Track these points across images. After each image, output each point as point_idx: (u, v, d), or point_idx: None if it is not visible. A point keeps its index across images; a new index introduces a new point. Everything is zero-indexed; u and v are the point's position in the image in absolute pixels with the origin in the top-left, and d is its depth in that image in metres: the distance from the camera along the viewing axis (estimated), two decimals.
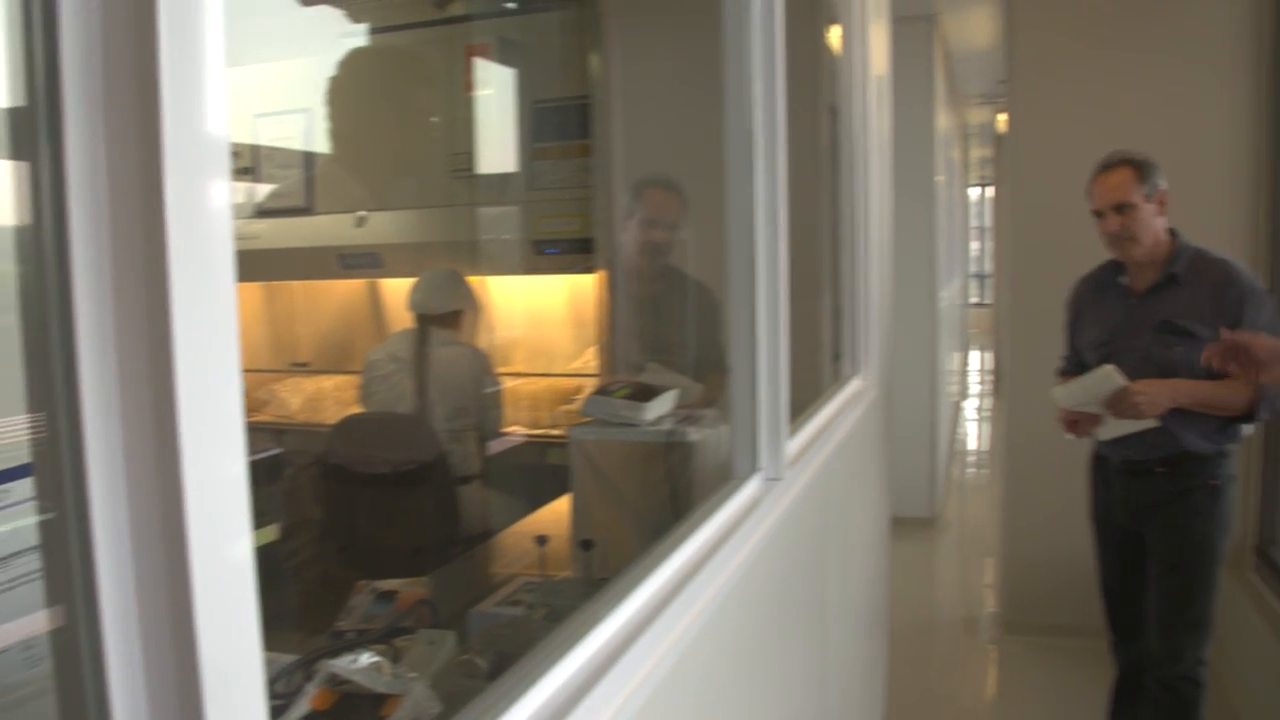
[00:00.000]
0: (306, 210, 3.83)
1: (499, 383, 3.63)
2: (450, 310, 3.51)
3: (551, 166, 3.40)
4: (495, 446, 3.60)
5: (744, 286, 1.82)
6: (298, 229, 3.81)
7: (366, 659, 1.23)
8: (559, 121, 3.41)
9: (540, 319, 4.26)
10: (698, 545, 1.47)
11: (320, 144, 3.80)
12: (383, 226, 3.73)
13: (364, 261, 3.80)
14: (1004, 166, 9.36)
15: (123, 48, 0.50)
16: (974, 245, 16.82)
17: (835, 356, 3.19)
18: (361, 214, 3.71)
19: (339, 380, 4.36)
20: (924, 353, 6.78)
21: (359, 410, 3.63)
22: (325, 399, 4.30)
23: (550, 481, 2.95)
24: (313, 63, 3.83)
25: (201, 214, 0.53)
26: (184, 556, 0.52)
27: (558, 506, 2.60)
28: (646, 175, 2.83)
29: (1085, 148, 3.28)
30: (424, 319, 3.49)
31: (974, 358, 14.74)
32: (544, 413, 3.99)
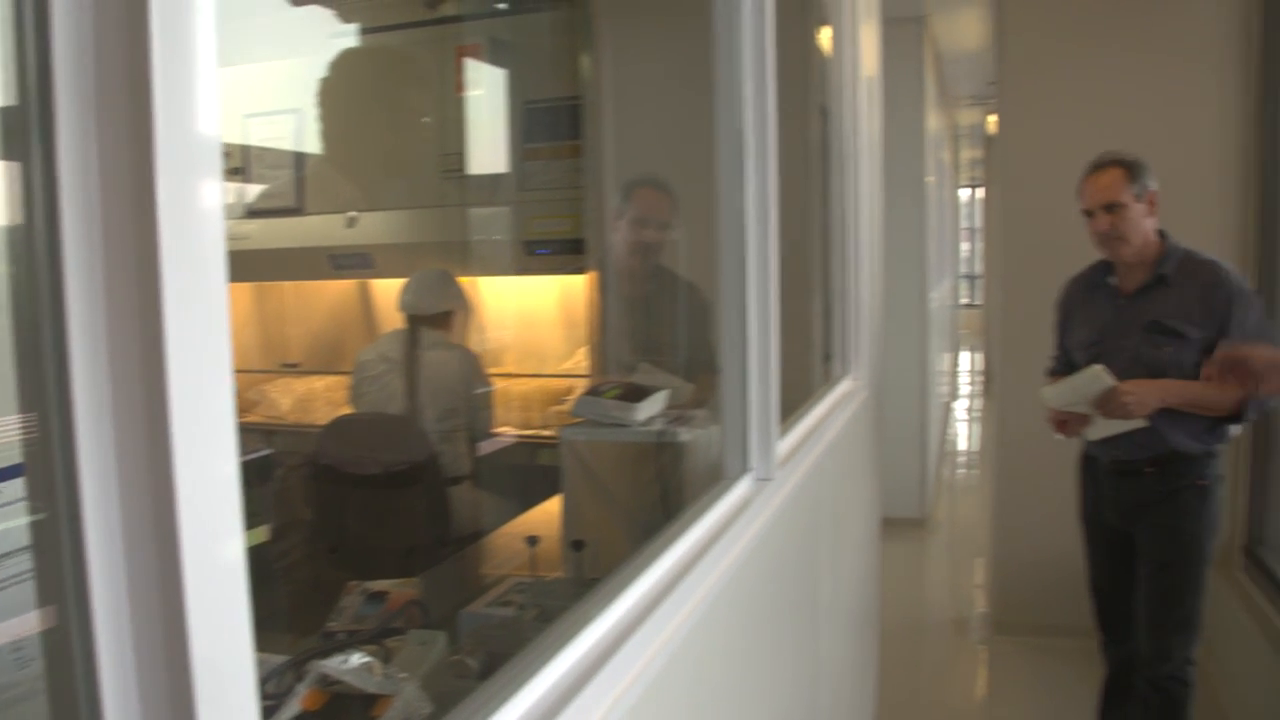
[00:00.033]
0: (297, 210, 3.82)
1: (490, 383, 3.62)
2: (441, 311, 3.51)
3: (542, 167, 3.40)
4: (486, 447, 3.59)
5: (735, 287, 1.82)
6: (288, 229, 3.81)
7: (357, 659, 1.23)
8: (550, 122, 3.42)
9: (531, 319, 4.26)
10: (688, 545, 1.47)
11: (311, 144, 3.79)
12: (373, 227, 3.73)
13: (355, 262, 3.80)
14: (994, 168, 9.37)
15: (115, 48, 0.50)
16: (964, 246, 16.86)
17: (826, 357, 3.20)
18: (352, 214, 3.71)
19: (329, 381, 4.35)
20: (914, 353, 6.79)
21: (349, 411, 3.63)
22: (316, 399, 4.30)
23: (541, 482, 2.95)
24: (303, 63, 3.83)
25: (193, 214, 0.53)
26: (176, 557, 0.52)
27: (549, 507, 2.60)
28: (637, 175, 2.83)
29: (1075, 149, 3.29)
30: (414, 319, 3.49)
31: (964, 358, 14.76)
32: (535, 413, 3.99)
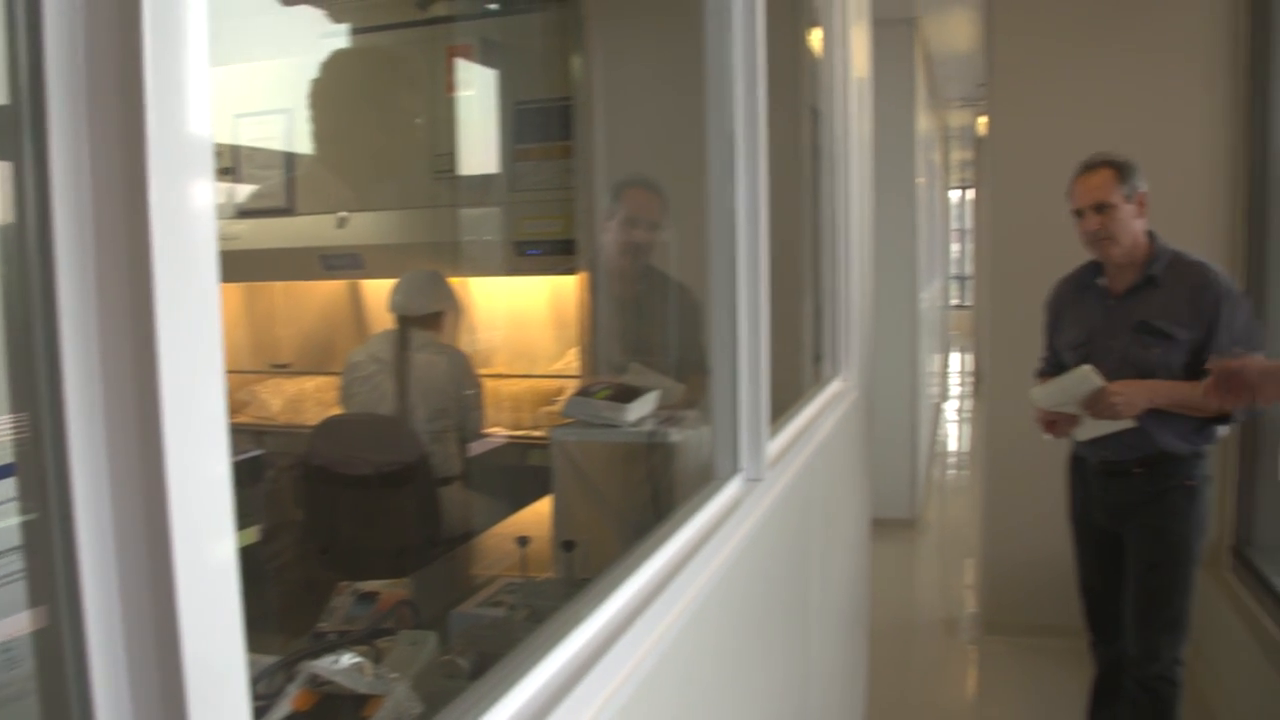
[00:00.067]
0: (288, 211, 3.82)
1: (480, 384, 3.62)
2: (431, 311, 3.51)
3: (533, 168, 3.40)
4: (477, 448, 3.59)
5: (725, 287, 1.82)
6: (279, 230, 3.80)
7: (348, 660, 1.23)
8: (541, 123, 3.41)
9: (522, 320, 4.26)
10: (679, 546, 1.48)
11: (301, 144, 3.79)
12: (364, 227, 3.72)
13: (345, 262, 3.79)
14: (984, 169, 9.38)
15: (107, 47, 0.50)
16: (954, 247, 16.89)
17: (816, 358, 3.20)
18: (343, 215, 3.71)
19: (320, 381, 4.34)
20: (905, 354, 6.80)
21: (340, 411, 3.62)
22: (306, 400, 4.29)
23: (532, 482, 2.94)
24: (294, 63, 3.82)
25: (185, 214, 0.53)
26: (168, 557, 0.52)
27: (539, 508, 2.60)
28: (627, 176, 2.83)
29: (1064, 151, 3.30)
30: (405, 320, 3.48)
31: (954, 359, 14.79)
32: (525, 414, 3.99)
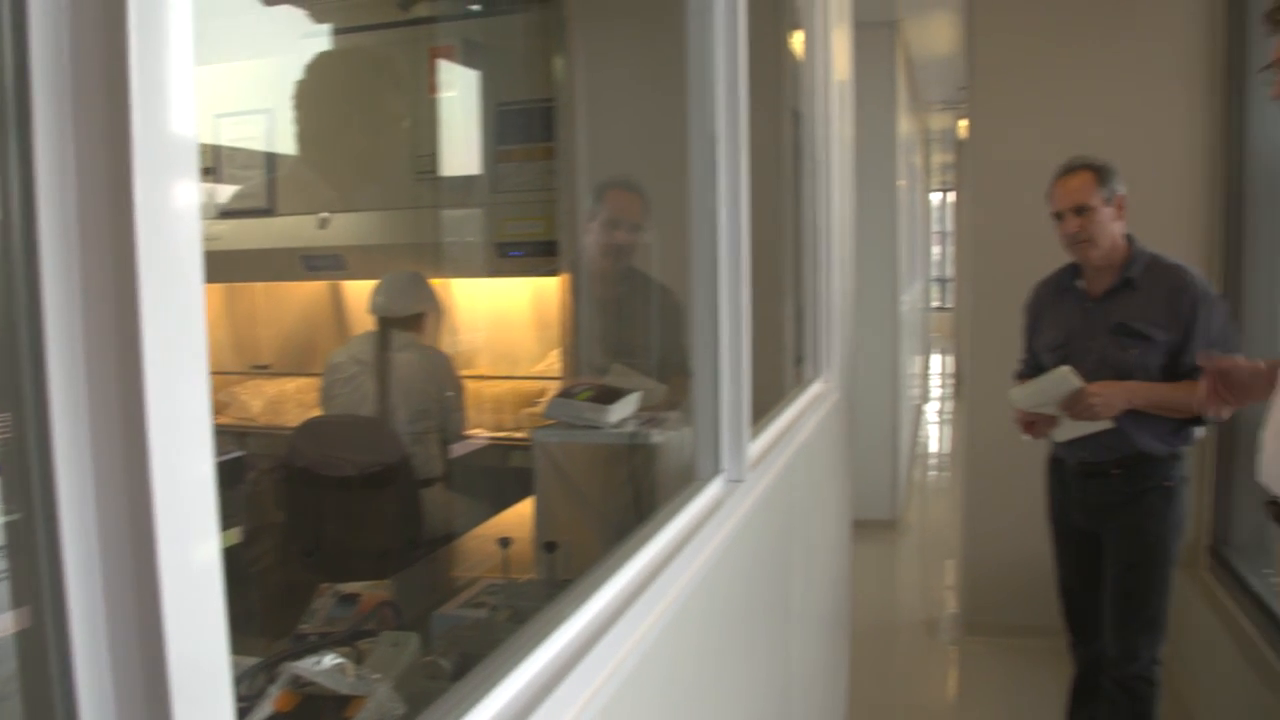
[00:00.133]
0: (269, 211, 3.81)
1: (462, 385, 3.62)
2: (412, 313, 3.50)
3: (515, 169, 3.40)
4: (458, 449, 3.58)
5: (707, 289, 1.82)
6: (260, 230, 3.79)
7: (330, 661, 1.23)
8: (523, 124, 3.41)
9: (504, 321, 4.25)
10: (660, 547, 1.48)
11: (282, 145, 3.77)
12: (346, 228, 3.72)
13: (327, 263, 3.78)
14: (965, 172, 9.43)
15: (92, 47, 0.50)
16: (935, 249, 16.96)
17: (797, 359, 3.20)
18: (324, 215, 3.70)
19: (300, 383, 4.33)
20: (886, 356, 6.82)
21: (321, 413, 3.61)
22: (287, 401, 4.27)
23: (514, 484, 2.95)
24: (275, 63, 3.81)
25: (170, 214, 0.53)
26: (152, 557, 0.52)
27: (521, 509, 2.60)
28: (609, 177, 2.84)
29: (1044, 154, 3.32)
30: (386, 322, 3.47)
31: (935, 361, 14.84)
32: (507, 415, 3.98)
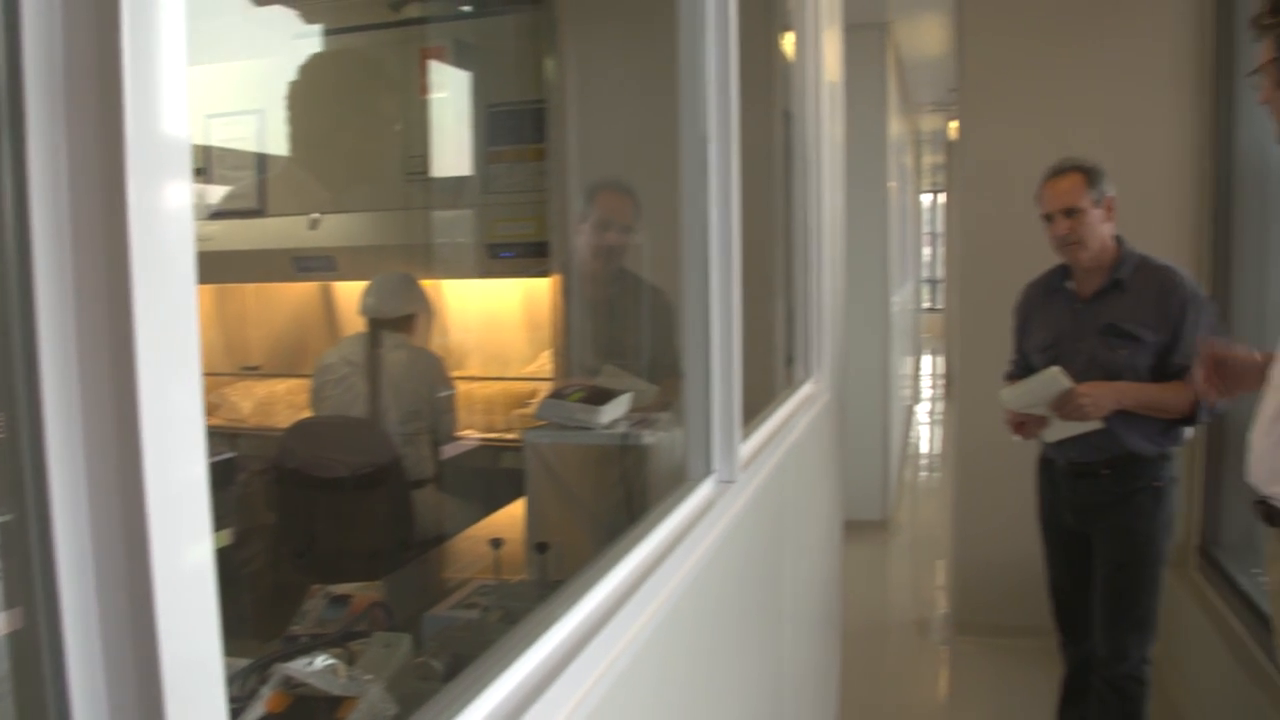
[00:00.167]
0: (259, 212, 3.80)
1: (453, 386, 3.61)
2: (403, 314, 3.50)
3: (506, 170, 3.39)
4: (449, 450, 3.58)
5: (698, 290, 1.82)
6: (251, 231, 3.78)
7: (322, 662, 1.23)
8: (514, 125, 3.41)
9: (495, 322, 4.25)
10: (652, 547, 1.48)
11: (273, 145, 3.77)
12: (337, 229, 3.71)
13: (318, 264, 3.78)
14: (955, 173, 9.45)
15: (85, 47, 0.50)
16: (926, 251, 17.01)
17: (788, 360, 3.21)
18: (315, 216, 3.69)
19: (291, 384, 4.32)
20: (877, 357, 6.83)
21: (311, 414, 3.61)
22: (277, 403, 4.26)
23: (505, 485, 2.94)
24: (266, 63, 3.80)
25: (163, 215, 0.53)
26: (145, 558, 0.52)
27: (513, 510, 2.60)
28: (600, 179, 2.84)
29: (1034, 155, 3.33)
30: (376, 323, 3.47)
31: (926, 362, 14.86)
32: (499, 416, 3.98)
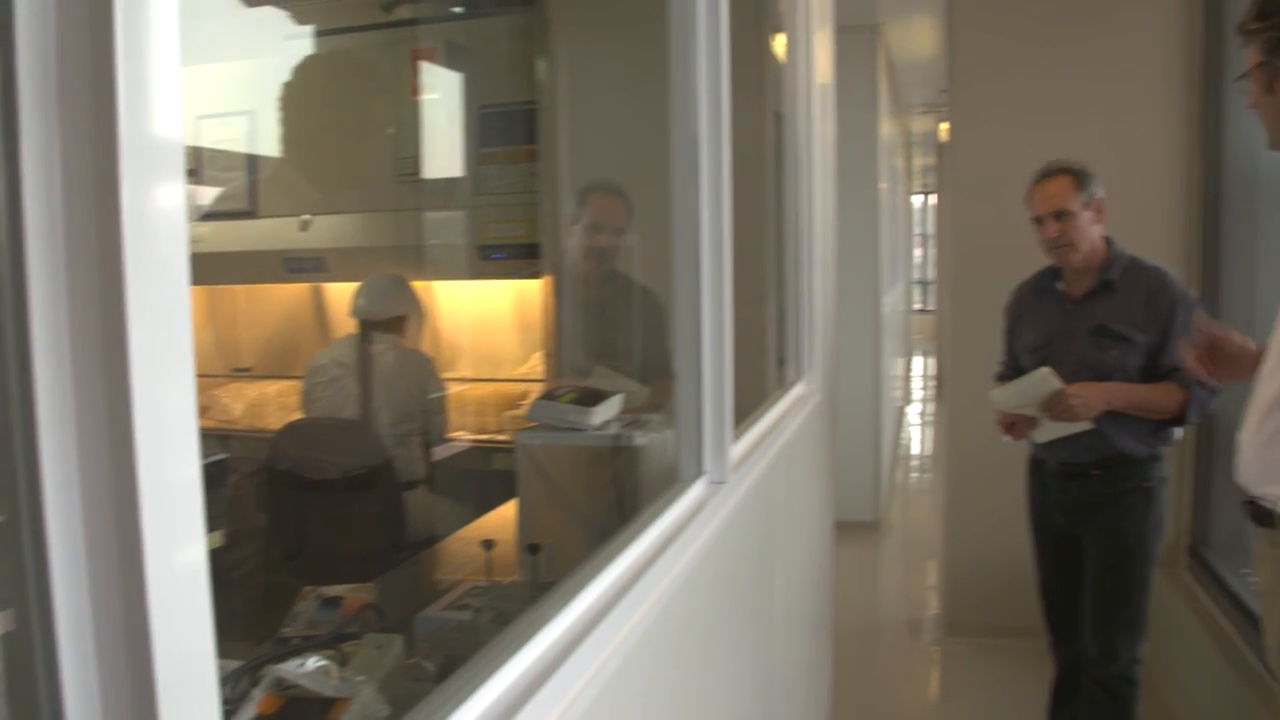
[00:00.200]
0: (250, 213, 3.80)
1: (444, 388, 3.61)
2: (394, 315, 3.50)
3: (498, 171, 3.40)
4: (441, 452, 3.58)
5: (689, 291, 1.83)
6: (242, 232, 3.78)
7: (314, 663, 1.23)
8: (505, 126, 3.42)
9: (486, 324, 4.25)
10: (643, 548, 1.48)
11: (264, 146, 3.77)
12: (328, 230, 3.71)
13: (309, 265, 3.78)
14: (946, 174, 9.47)
15: (78, 48, 0.51)
16: (917, 252, 17.03)
17: (779, 362, 3.21)
18: (306, 218, 3.69)
19: (282, 385, 4.32)
20: (868, 358, 6.84)
21: (302, 415, 3.60)
22: (268, 404, 4.26)
23: (497, 486, 2.95)
24: (257, 64, 3.80)
25: (157, 216, 0.53)
26: (139, 559, 0.52)
27: (504, 511, 2.60)
28: (592, 180, 2.84)
29: (1025, 156, 3.34)
30: (367, 324, 3.47)
31: (917, 363, 14.89)
32: (490, 418, 3.98)
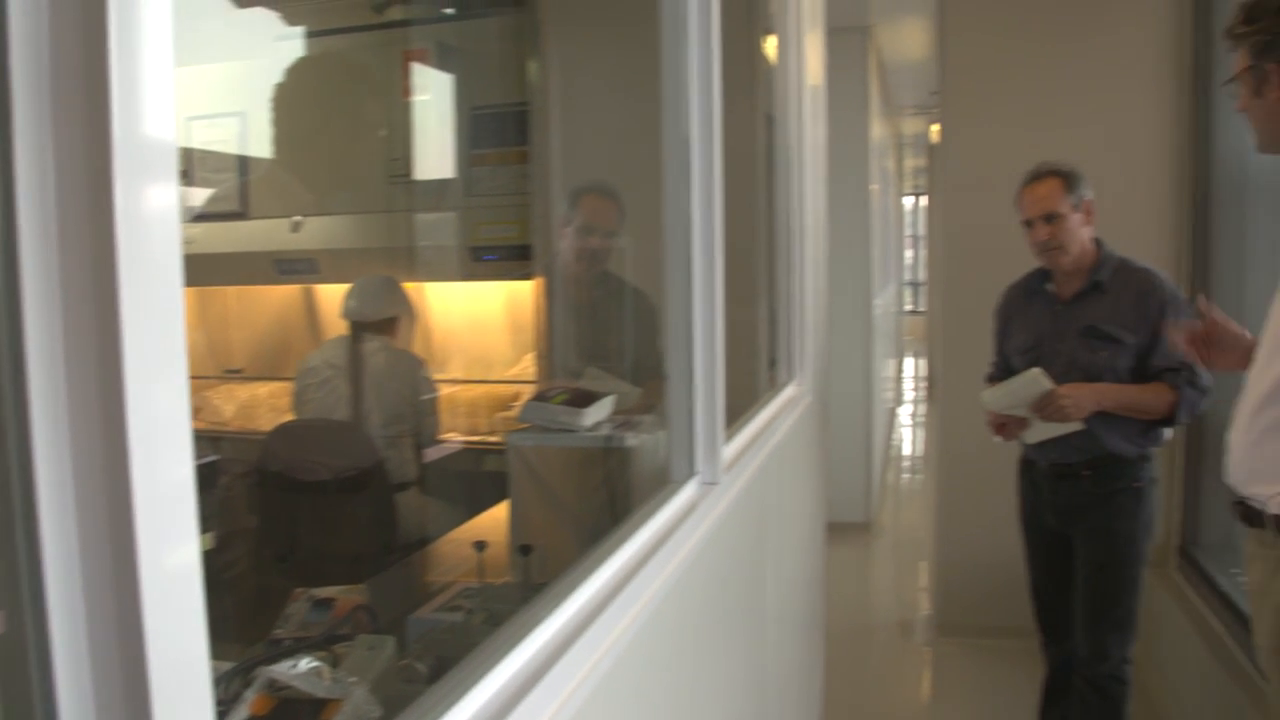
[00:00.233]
0: (241, 215, 3.79)
1: (435, 389, 3.61)
2: (385, 317, 3.49)
3: (489, 173, 3.40)
4: (433, 453, 3.58)
5: (680, 293, 1.83)
6: (233, 234, 3.77)
7: (306, 664, 1.23)
8: (497, 128, 3.41)
9: (478, 325, 4.25)
10: (635, 549, 1.48)
11: (255, 148, 3.76)
12: (319, 232, 3.70)
13: (300, 267, 3.77)
14: (937, 175, 9.48)
15: (71, 49, 0.51)
16: (908, 253, 17.08)
17: (771, 363, 3.22)
18: (297, 219, 3.68)
19: (273, 387, 4.31)
20: (859, 359, 6.84)
21: (293, 417, 3.60)
22: (259, 406, 4.25)
23: (488, 488, 2.94)
24: (248, 65, 3.80)
25: (151, 217, 0.53)
26: (132, 560, 0.52)
27: (496, 513, 2.60)
28: (584, 183, 2.84)
29: (1015, 158, 3.34)
30: (358, 326, 3.46)
31: (909, 364, 14.91)
32: (482, 419, 3.98)
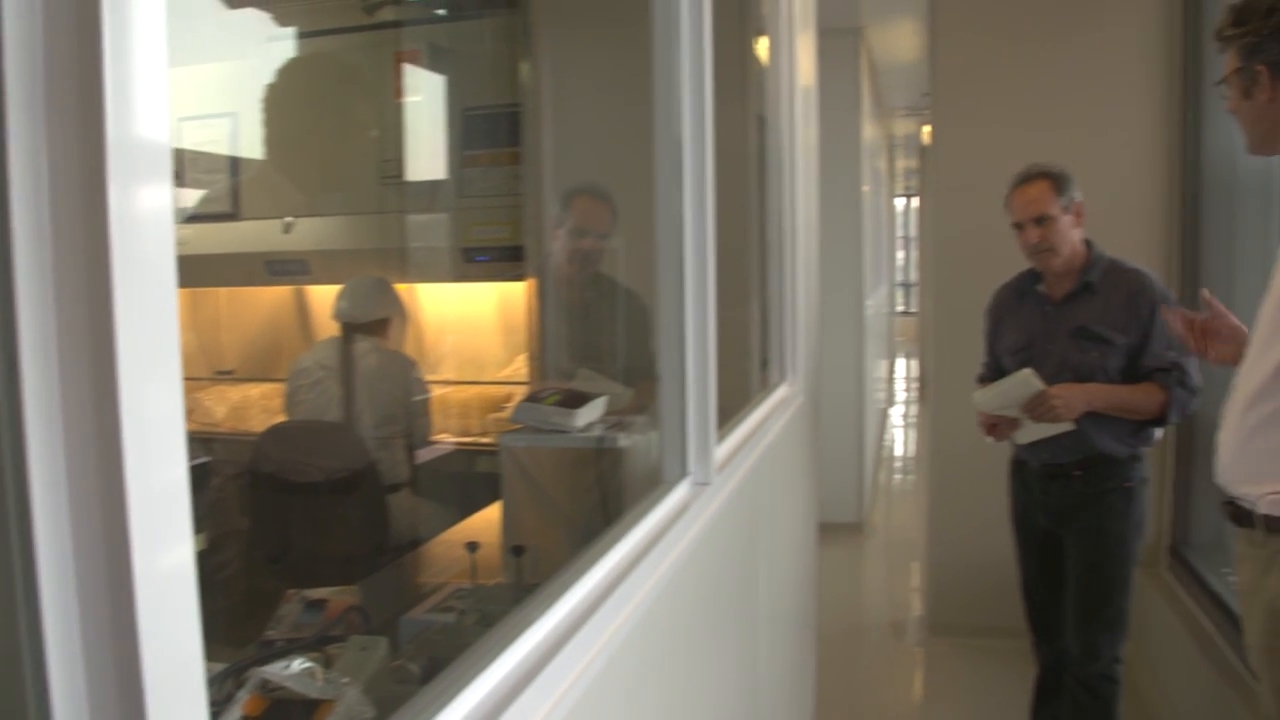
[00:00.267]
0: (233, 216, 3.78)
1: (427, 390, 3.61)
2: (377, 318, 3.49)
3: (481, 174, 3.40)
4: (425, 454, 3.58)
5: (673, 293, 1.83)
6: (224, 234, 3.77)
7: (299, 665, 1.23)
8: (489, 129, 3.42)
9: (470, 326, 4.25)
10: (627, 549, 1.48)
11: (247, 149, 3.76)
12: (310, 233, 3.70)
13: (291, 268, 3.77)
14: (928, 177, 9.50)
15: (66, 50, 0.51)
16: (900, 254, 17.11)
17: (763, 363, 3.22)
18: (289, 220, 3.68)
19: (265, 388, 4.30)
20: (851, 360, 6.85)
21: (285, 419, 3.59)
22: (251, 407, 4.25)
23: (481, 489, 2.94)
24: (239, 66, 3.79)
25: (144, 218, 0.53)
26: (126, 560, 0.52)
27: (488, 514, 2.60)
28: (576, 184, 2.84)
29: (1007, 159, 3.35)
30: (350, 327, 3.46)
31: (900, 365, 14.93)
32: (474, 420, 3.98)
